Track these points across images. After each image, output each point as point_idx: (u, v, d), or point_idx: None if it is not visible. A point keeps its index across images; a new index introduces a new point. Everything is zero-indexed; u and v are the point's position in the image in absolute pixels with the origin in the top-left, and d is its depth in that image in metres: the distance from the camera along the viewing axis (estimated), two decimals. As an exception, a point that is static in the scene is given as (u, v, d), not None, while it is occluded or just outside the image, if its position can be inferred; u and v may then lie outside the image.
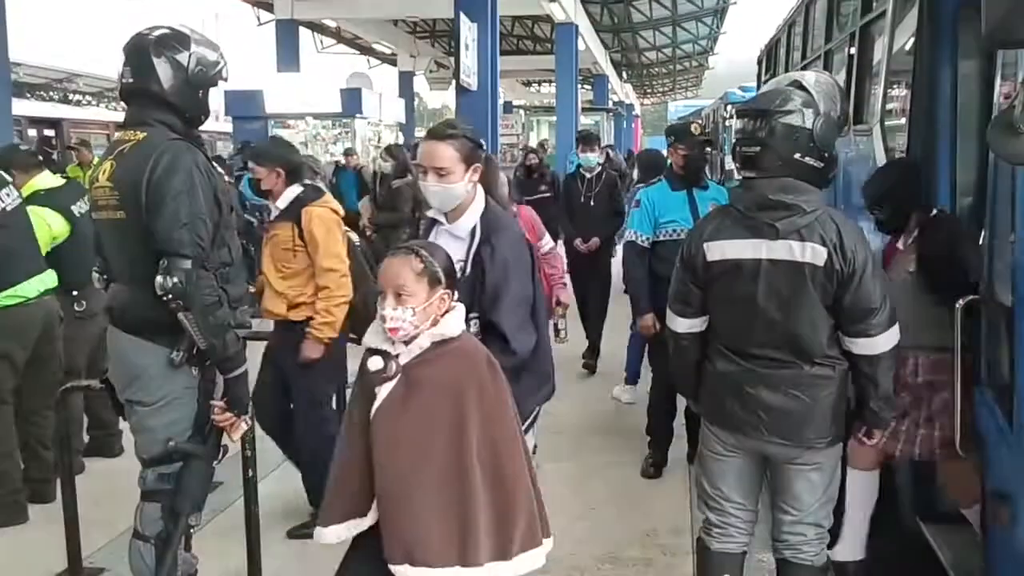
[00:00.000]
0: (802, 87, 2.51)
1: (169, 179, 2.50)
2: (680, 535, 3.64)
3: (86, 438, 4.59)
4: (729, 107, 15.43)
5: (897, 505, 3.19)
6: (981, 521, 2.65)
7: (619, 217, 6.52)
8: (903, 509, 3.16)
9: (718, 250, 2.50)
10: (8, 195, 3.87)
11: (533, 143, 17.48)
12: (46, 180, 4.35)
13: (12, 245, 3.82)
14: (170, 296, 2.44)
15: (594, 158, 6.63)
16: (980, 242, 2.57)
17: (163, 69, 2.58)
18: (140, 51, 2.60)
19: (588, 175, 6.59)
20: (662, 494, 4.18)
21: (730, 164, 10.99)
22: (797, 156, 2.42)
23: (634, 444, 4.61)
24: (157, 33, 2.63)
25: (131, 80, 2.61)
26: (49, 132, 14.75)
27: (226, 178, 6.71)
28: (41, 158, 4.74)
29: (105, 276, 2.83)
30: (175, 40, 2.62)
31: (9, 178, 4.02)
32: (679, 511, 3.84)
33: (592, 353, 6.52)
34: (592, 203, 6.52)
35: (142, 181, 2.50)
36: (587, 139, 6.84)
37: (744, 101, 2.71)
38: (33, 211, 4.03)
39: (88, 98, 23.39)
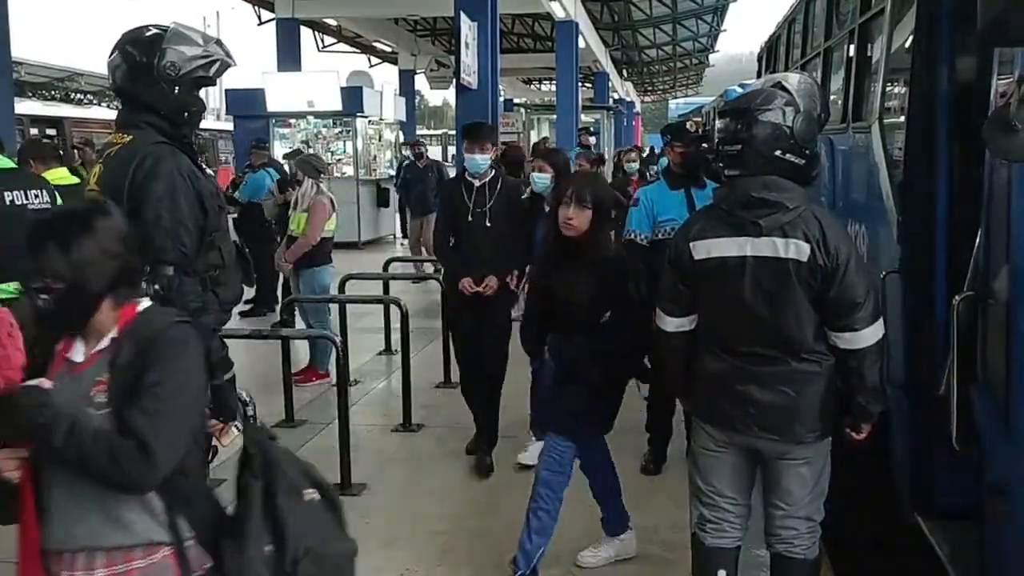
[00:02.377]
0: (782, 87, 2.54)
1: (149, 184, 2.48)
2: (679, 531, 3.65)
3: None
4: (729, 105, 15.40)
5: (895, 501, 3.21)
6: None
7: (528, 245, 4.43)
8: (901, 505, 3.18)
9: (703, 249, 2.53)
10: (37, 196, 3.92)
11: (534, 141, 17.49)
12: (58, 176, 4.44)
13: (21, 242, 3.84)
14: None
15: (484, 160, 4.45)
16: (977, 239, 2.58)
17: (133, 70, 2.58)
18: (117, 53, 2.61)
19: (476, 183, 4.44)
20: (661, 491, 4.19)
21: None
22: (778, 153, 2.45)
23: (633, 441, 4.62)
24: (130, 35, 2.63)
25: (112, 82, 2.64)
26: (51, 131, 14.78)
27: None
28: (62, 154, 4.89)
29: None
30: (144, 40, 2.60)
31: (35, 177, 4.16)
32: (678, 507, 3.85)
33: (487, 444, 4.52)
34: (482, 223, 4.40)
35: (124, 186, 2.50)
36: (474, 132, 4.52)
37: (726, 102, 2.72)
38: None
39: (90, 97, 23.42)
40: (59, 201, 4.07)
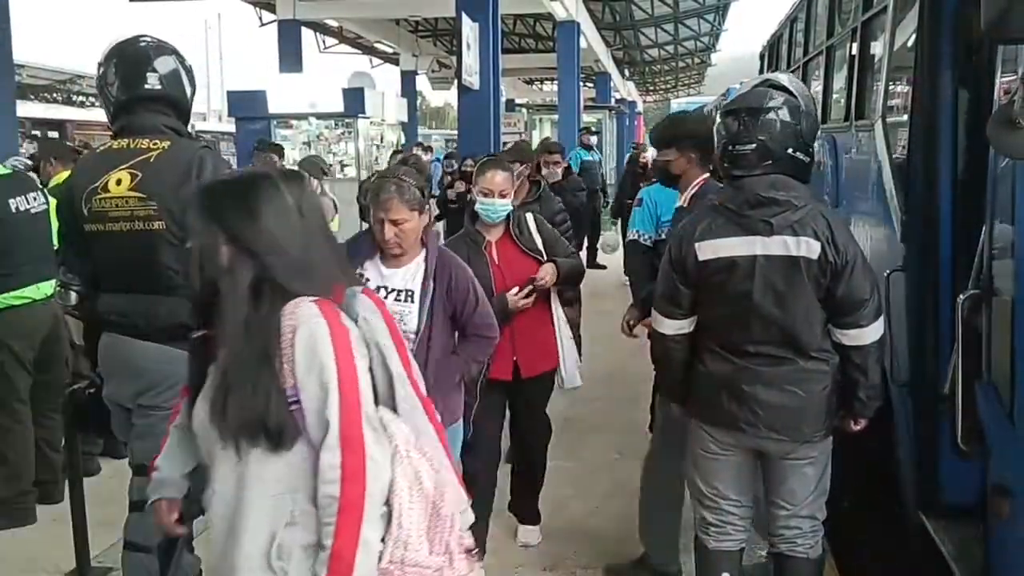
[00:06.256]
0: (781, 87, 2.54)
1: None
2: (684, 532, 3.65)
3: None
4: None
5: (899, 499, 3.20)
6: None
7: None
8: (905, 503, 3.17)
9: (710, 249, 2.51)
10: (35, 199, 3.93)
11: (536, 141, 17.46)
12: None
13: (31, 248, 3.87)
14: None
15: None
16: (981, 237, 2.57)
17: (185, 79, 2.70)
18: (167, 58, 2.67)
19: None
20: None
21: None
22: (790, 151, 2.47)
23: (637, 441, 4.61)
24: (164, 43, 2.70)
25: (158, 86, 2.63)
26: (53, 134, 14.81)
27: None
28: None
29: (77, 287, 2.78)
30: (177, 51, 2.73)
31: (36, 180, 4.20)
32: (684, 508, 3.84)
33: None
34: None
35: (187, 189, 2.51)
36: None
37: (727, 101, 2.68)
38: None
39: (92, 99, 23.46)
40: (51, 200, 4.09)
